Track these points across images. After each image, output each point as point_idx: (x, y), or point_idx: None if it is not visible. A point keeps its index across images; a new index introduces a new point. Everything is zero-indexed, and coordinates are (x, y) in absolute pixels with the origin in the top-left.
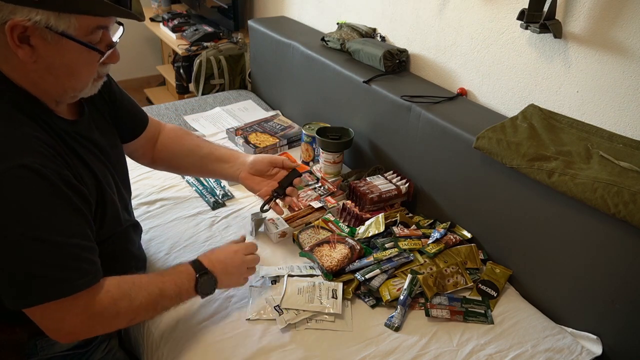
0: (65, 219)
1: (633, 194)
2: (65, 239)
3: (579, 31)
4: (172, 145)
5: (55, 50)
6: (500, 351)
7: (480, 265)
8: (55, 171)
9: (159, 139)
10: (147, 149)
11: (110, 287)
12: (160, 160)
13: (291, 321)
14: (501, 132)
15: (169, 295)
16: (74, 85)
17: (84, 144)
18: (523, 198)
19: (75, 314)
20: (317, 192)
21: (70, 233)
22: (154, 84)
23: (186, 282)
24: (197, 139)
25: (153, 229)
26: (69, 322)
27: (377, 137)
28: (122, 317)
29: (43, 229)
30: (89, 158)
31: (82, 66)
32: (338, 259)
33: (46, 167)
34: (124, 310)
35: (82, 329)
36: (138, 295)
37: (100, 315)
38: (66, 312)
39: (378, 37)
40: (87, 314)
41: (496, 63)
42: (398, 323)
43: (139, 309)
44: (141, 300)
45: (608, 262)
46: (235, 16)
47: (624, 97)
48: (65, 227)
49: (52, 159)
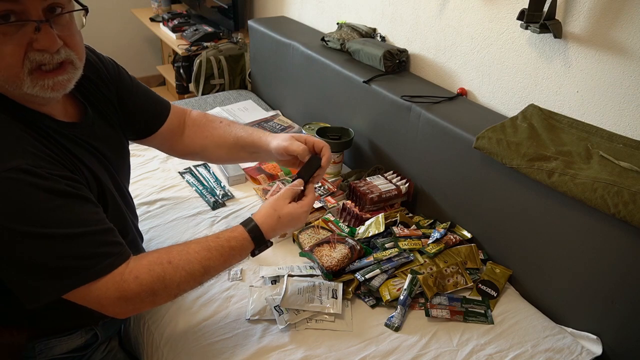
0: (69, 210)
1: (633, 194)
2: (73, 230)
3: (579, 31)
4: (197, 138)
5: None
6: (500, 351)
7: (480, 265)
8: (49, 170)
9: (184, 131)
10: (173, 141)
11: (139, 272)
12: (190, 155)
13: (291, 321)
14: (501, 132)
15: (213, 271)
16: (7, 74)
17: (82, 145)
18: (523, 198)
19: (110, 297)
20: (317, 192)
21: (78, 223)
22: (154, 84)
23: (237, 257)
24: (219, 128)
25: (153, 229)
26: (107, 305)
27: (377, 137)
28: (160, 296)
29: (48, 225)
30: (87, 159)
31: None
32: (338, 259)
33: (38, 166)
34: (160, 291)
35: (125, 308)
36: (175, 277)
37: (135, 298)
38: (102, 296)
39: (378, 37)
40: (122, 298)
41: (496, 63)
42: (398, 323)
43: (179, 288)
44: (179, 280)
45: (608, 262)
46: (235, 16)
47: (624, 97)
48: (72, 218)
49: (45, 158)
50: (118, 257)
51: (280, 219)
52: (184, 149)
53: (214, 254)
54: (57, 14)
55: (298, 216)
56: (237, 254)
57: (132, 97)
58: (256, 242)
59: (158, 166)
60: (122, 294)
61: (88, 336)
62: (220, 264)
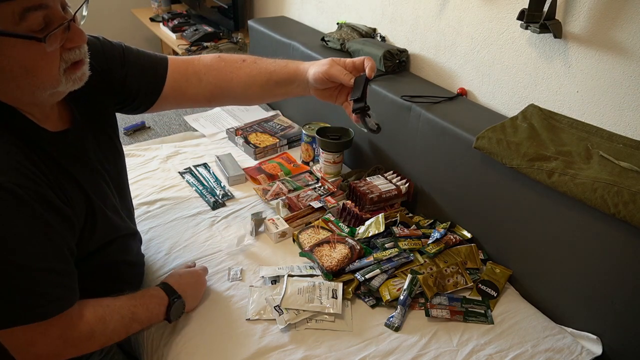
0: (39, 243)
1: (633, 194)
2: (37, 264)
3: (579, 31)
4: (219, 82)
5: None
6: (500, 351)
7: (480, 265)
8: (34, 191)
9: (201, 78)
10: (184, 96)
11: (85, 311)
12: (211, 101)
13: (291, 321)
14: (501, 132)
15: (140, 320)
16: (38, 84)
17: (73, 153)
18: (523, 198)
19: (50, 337)
20: (317, 192)
21: (44, 257)
22: None
23: (157, 307)
24: (244, 67)
25: (153, 229)
26: (41, 346)
27: (377, 137)
28: (96, 341)
29: (15, 252)
30: (76, 170)
31: (35, 61)
32: (338, 259)
33: (22, 186)
34: (98, 334)
35: (54, 352)
36: (112, 319)
37: (75, 339)
38: (40, 336)
39: (378, 37)
40: (62, 338)
41: (496, 63)
42: (398, 323)
43: (113, 333)
44: (115, 325)
45: (608, 262)
46: (235, 16)
47: (624, 97)
48: (40, 251)
49: (30, 177)
50: (67, 301)
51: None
52: (202, 98)
53: (138, 301)
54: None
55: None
56: (155, 302)
57: (127, 81)
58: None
59: (158, 166)
60: (64, 334)
61: None
62: (143, 312)
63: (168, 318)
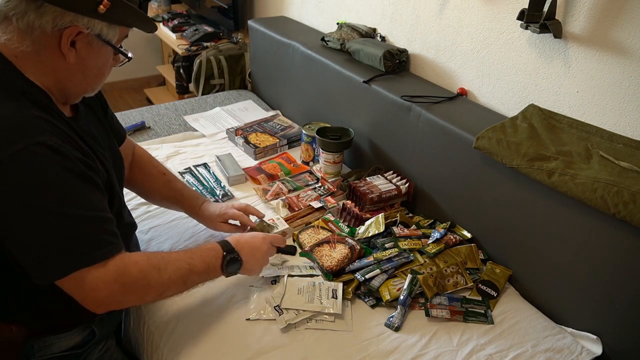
0: (84, 193)
1: (633, 194)
2: (86, 212)
3: (579, 31)
4: (138, 175)
5: (94, 54)
6: (500, 351)
7: (480, 265)
8: (69, 150)
9: (133, 158)
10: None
11: (139, 259)
12: (134, 181)
13: (291, 321)
14: (501, 132)
15: (197, 271)
16: (97, 83)
17: (88, 133)
18: (523, 198)
19: (108, 282)
20: (317, 192)
21: (90, 206)
22: (154, 84)
23: (214, 260)
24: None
25: (153, 229)
26: (102, 291)
27: (377, 137)
28: (152, 289)
29: (65, 202)
30: (94, 147)
31: (108, 68)
32: (338, 259)
33: (62, 146)
34: (154, 282)
35: (115, 298)
36: (167, 269)
37: (131, 285)
38: (99, 282)
39: (378, 37)
40: (119, 282)
41: (496, 63)
42: (398, 323)
43: (169, 282)
44: (170, 274)
45: (608, 262)
46: (235, 16)
47: (624, 97)
48: (86, 201)
49: (65, 139)
50: (117, 246)
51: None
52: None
53: (195, 254)
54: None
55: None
56: (212, 256)
57: (110, 110)
58: (223, 246)
59: None
60: (120, 278)
61: (85, 333)
62: (200, 263)
63: (225, 272)
